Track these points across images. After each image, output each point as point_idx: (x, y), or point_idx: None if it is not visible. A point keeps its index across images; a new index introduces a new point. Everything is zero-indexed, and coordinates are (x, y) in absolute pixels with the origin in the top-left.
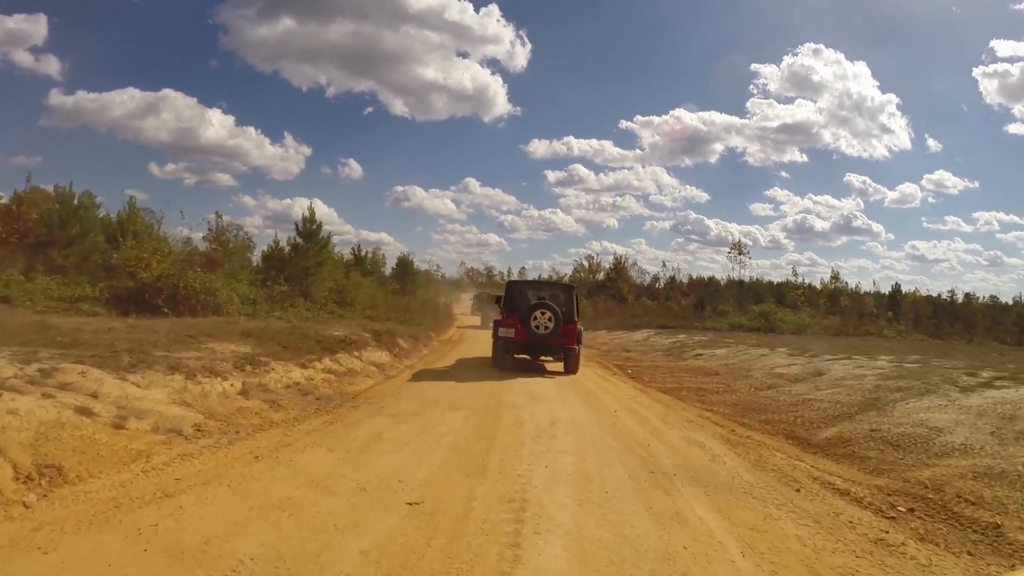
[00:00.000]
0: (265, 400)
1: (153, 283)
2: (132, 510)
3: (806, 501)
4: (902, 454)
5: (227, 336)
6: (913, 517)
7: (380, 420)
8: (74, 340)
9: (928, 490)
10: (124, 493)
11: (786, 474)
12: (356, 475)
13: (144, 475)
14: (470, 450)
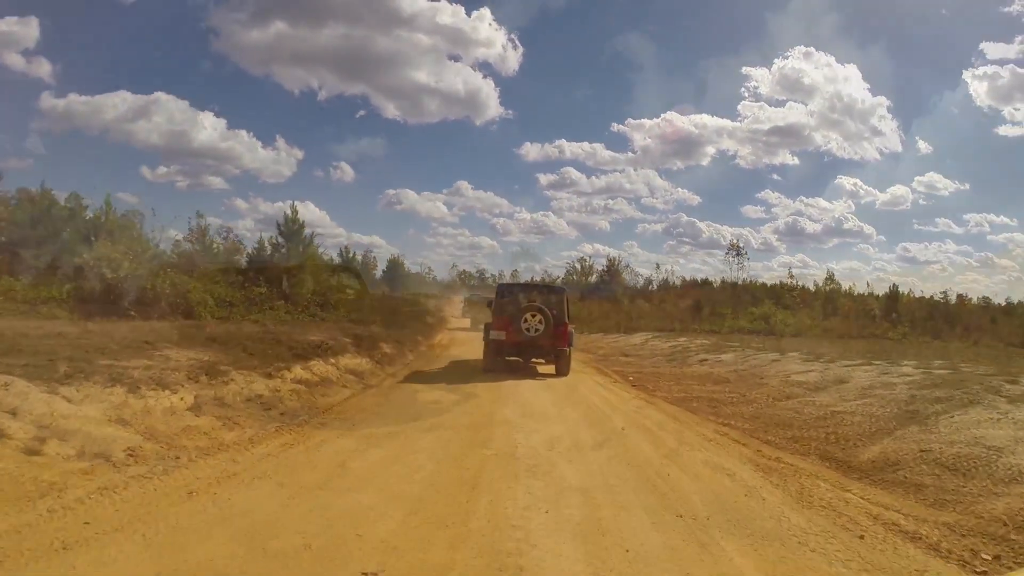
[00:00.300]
0: (219, 417)
1: (119, 284)
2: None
3: (876, 553)
4: (963, 480)
5: (188, 342)
6: (1002, 567)
7: (348, 442)
8: (12, 346)
9: (1008, 528)
10: (13, 544)
11: (839, 512)
12: (305, 524)
13: (49, 516)
14: (451, 488)
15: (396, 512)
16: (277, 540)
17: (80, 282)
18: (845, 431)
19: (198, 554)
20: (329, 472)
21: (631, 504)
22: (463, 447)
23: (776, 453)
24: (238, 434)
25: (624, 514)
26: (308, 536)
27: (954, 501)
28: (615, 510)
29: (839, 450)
